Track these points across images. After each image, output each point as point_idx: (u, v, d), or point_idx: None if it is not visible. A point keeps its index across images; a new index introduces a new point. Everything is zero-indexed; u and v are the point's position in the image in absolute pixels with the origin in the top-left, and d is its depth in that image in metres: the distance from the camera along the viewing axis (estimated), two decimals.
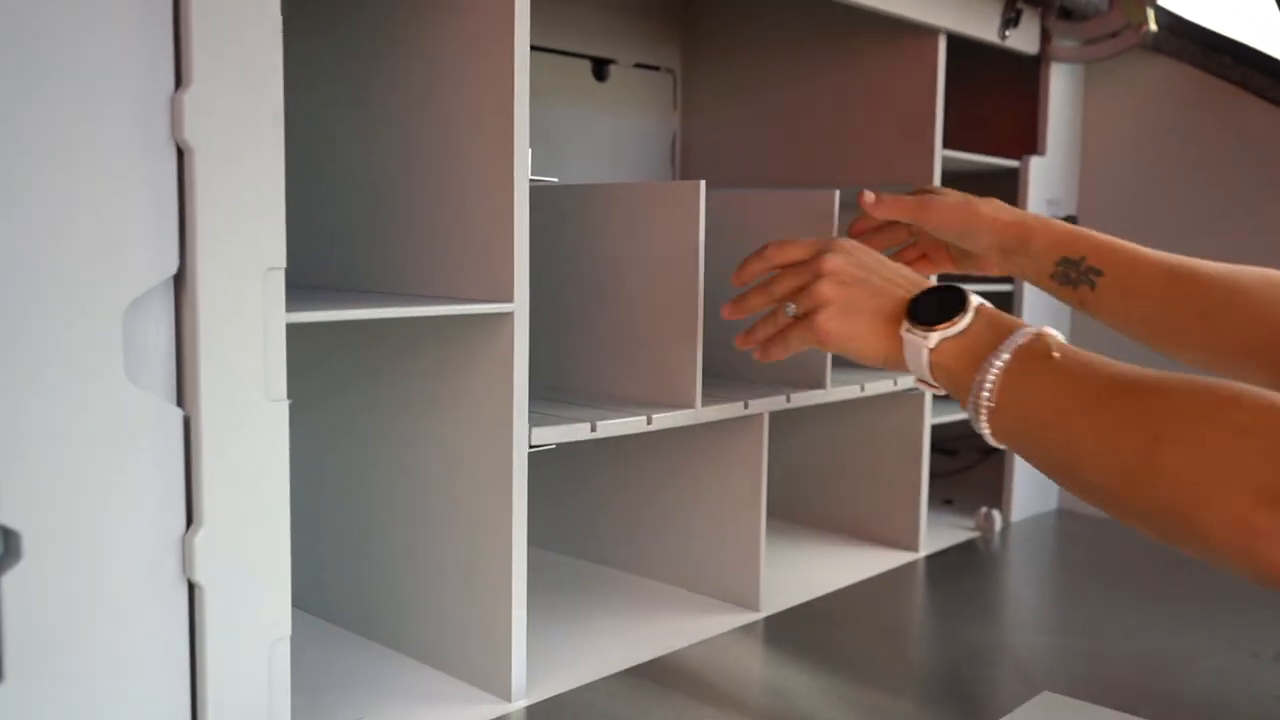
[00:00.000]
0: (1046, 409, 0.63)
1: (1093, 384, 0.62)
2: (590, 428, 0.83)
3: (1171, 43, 1.32)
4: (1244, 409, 0.53)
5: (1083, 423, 0.60)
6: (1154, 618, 1.01)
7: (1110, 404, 0.59)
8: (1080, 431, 0.60)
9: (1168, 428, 0.55)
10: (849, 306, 0.77)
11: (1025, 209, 1.31)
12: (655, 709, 0.80)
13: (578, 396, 0.97)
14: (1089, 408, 0.60)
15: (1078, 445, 0.60)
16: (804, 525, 1.29)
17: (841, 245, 0.81)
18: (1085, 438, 0.60)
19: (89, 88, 0.55)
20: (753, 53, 1.36)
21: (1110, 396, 0.60)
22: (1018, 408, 0.65)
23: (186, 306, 0.60)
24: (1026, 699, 0.82)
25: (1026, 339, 0.67)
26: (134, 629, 0.60)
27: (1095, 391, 0.61)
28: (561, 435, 0.81)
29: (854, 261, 0.79)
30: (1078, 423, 0.60)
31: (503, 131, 0.76)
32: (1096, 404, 0.60)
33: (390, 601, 0.90)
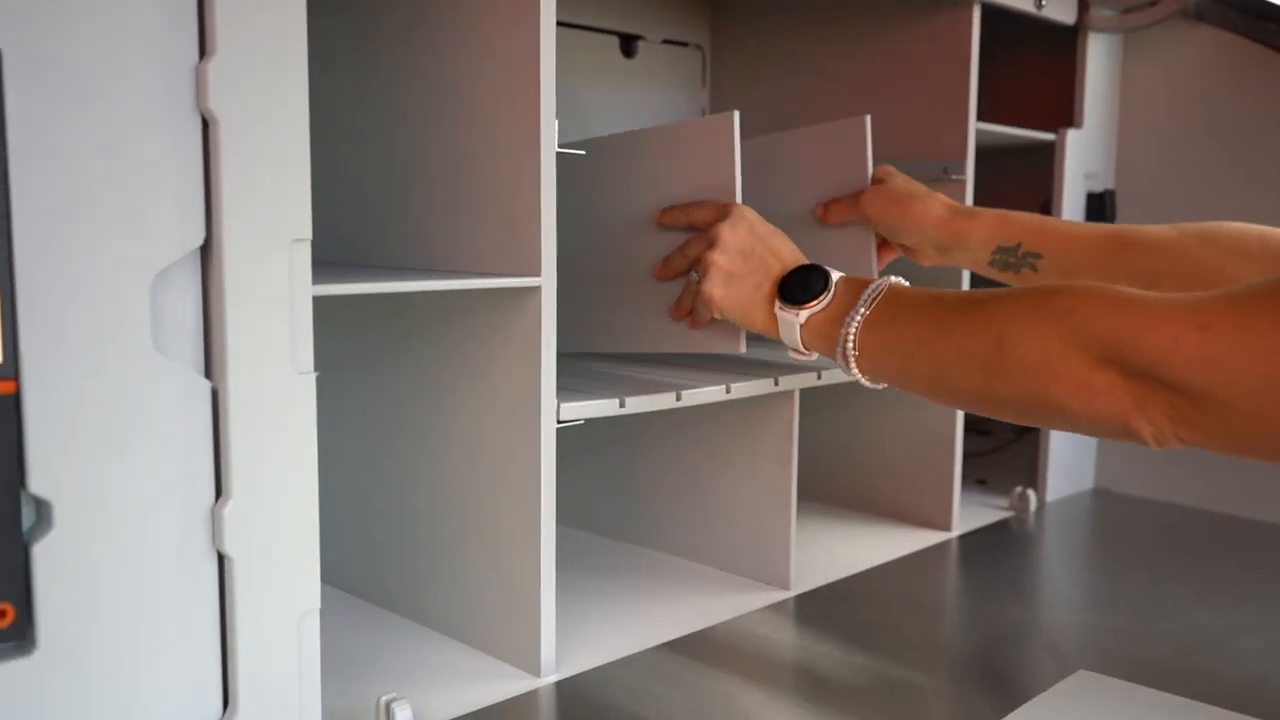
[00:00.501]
0: (905, 339, 0.72)
1: (941, 309, 0.70)
2: (619, 403, 0.82)
3: (1213, 10, 1.29)
4: (1065, 295, 0.62)
5: (940, 341, 0.69)
6: (1192, 597, 0.99)
7: (959, 319, 0.68)
8: (939, 348, 0.69)
9: (1008, 325, 0.64)
10: (732, 277, 0.84)
11: (1063, 183, 1.30)
12: (684, 685, 0.79)
13: (606, 364, 0.97)
14: (943, 327, 0.69)
15: (940, 360, 0.69)
16: (836, 505, 1.28)
17: (739, 214, 0.85)
18: (944, 353, 0.69)
19: (114, 58, 0.55)
20: (782, 28, 1.34)
21: (958, 313, 0.69)
22: (883, 346, 0.74)
23: (213, 278, 0.60)
24: (1060, 678, 0.81)
25: (879, 290, 0.76)
26: (164, 600, 0.60)
27: (945, 313, 0.70)
28: (590, 411, 0.81)
29: (745, 231, 0.84)
30: (936, 343, 0.69)
31: (528, 103, 0.75)
32: (948, 323, 0.69)
33: (419, 577, 0.90)
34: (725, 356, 1.02)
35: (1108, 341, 0.59)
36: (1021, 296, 0.66)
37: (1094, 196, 1.35)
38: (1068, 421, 0.63)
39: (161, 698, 0.61)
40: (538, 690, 0.79)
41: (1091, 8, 1.29)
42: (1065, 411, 0.62)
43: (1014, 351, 0.63)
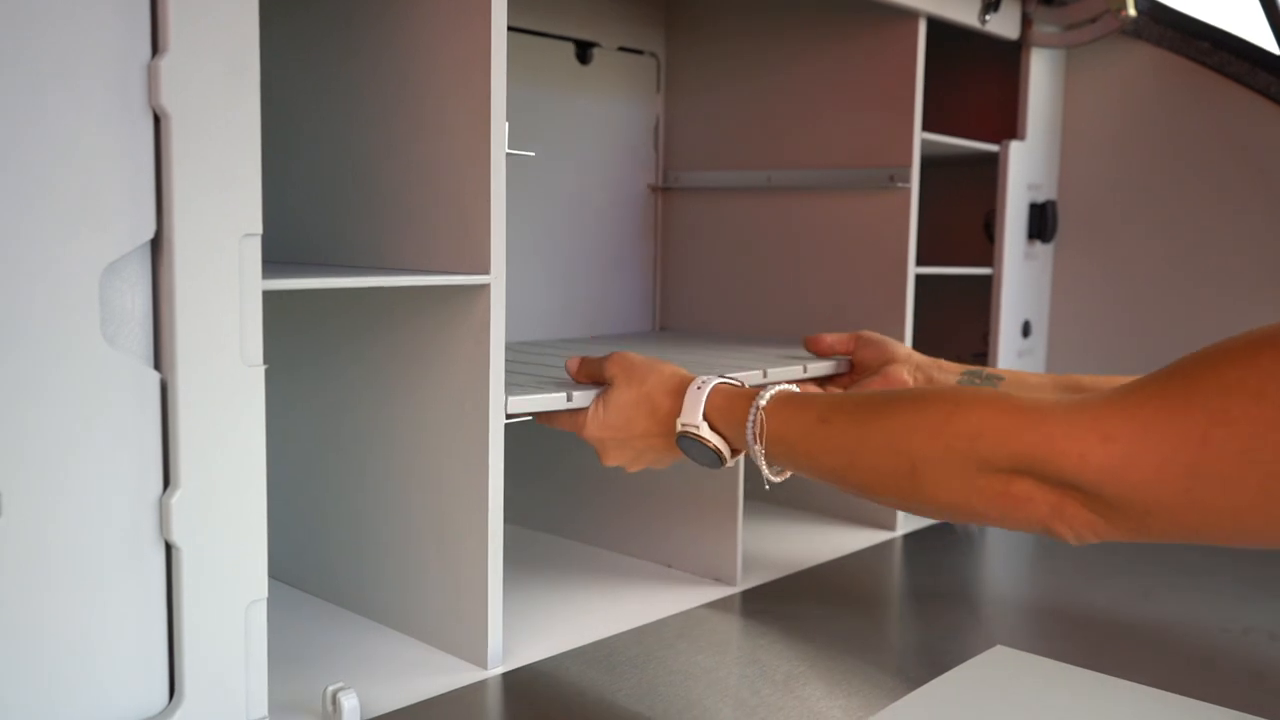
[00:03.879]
0: (810, 453, 0.73)
1: (841, 424, 0.71)
2: (566, 398, 0.84)
3: (1151, 29, 1.33)
4: (964, 414, 0.63)
5: (851, 463, 0.70)
6: (1127, 593, 1.03)
7: (865, 444, 0.69)
8: (854, 468, 0.70)
9: (918, 452, 0.65)
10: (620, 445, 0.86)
11: (1005, 193, 1.34)
12: (630, 675, 0.81)
13: (556, 359, 0.98)
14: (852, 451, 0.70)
15: (855, 479, 0.70)
16: (783, 505, 1.30)
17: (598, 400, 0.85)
18: (859, 473, 0.69)
19: (66, 54, 0.56)
20: (736, 37, 1.37)
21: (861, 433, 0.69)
22: (787, 457, 0.75)
23: (163, 271, 0.61)
24: None
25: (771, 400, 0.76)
26: (111, 589, 0.61)
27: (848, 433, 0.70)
28: (537, 405, 0.82)
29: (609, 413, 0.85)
30: (847, 471, 0.70)
31: (479, 104, 0.77)
32: (855, 445, 0.70)
33: (368, 571, 0.91)
34: None
35: (1018, 459, 0.60)
36: (920, 413, 0.66)
37: (1036, 207, 1.38)
38: (991, 524, 0.65)
39: (108, 687, 0.61)
40: (485, 681, 0.80)
41: (1034, 24, 1.33)
42: (987, 518, 0.64)
43: (929, 477, 0.64)
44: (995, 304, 1.36)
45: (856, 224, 1.24)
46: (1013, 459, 0.60)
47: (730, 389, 0.80)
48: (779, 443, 0.75)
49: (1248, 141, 1.28)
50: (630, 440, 0.85)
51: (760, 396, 0.76)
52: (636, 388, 0.84)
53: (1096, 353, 1.42)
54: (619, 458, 0.86)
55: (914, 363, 1.04)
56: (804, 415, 0.74)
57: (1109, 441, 0.57)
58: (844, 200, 1.26)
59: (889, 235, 1.21)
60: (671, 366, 0.85)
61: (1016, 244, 1.37)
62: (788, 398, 0.76)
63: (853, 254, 1.25)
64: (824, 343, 1.10)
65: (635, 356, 0.86)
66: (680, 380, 0.83)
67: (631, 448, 0.85)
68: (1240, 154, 1.29)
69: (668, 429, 0.82)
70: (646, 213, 1.44)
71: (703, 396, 0.80)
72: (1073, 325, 1.45)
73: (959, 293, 1.38)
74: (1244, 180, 1.29)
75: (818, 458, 0.73)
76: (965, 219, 1.42)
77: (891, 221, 1.21)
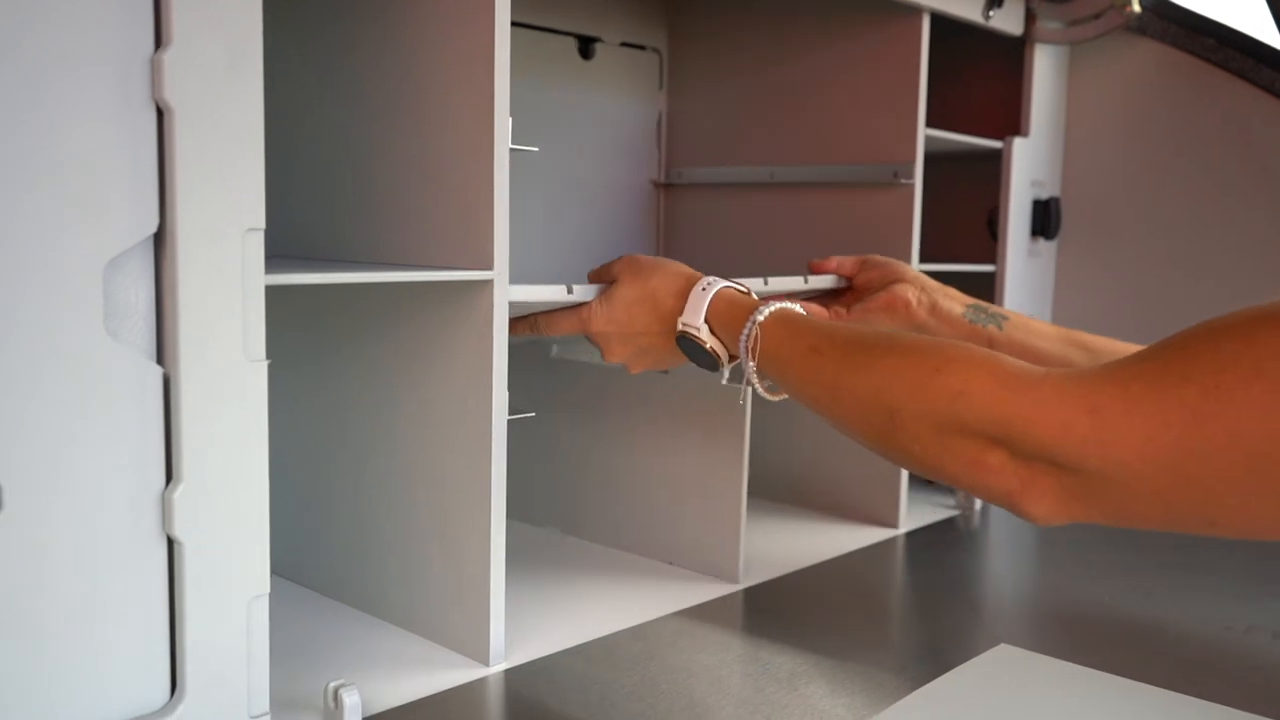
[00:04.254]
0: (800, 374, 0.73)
1: (832, 355, 0.70)
2: (567, 289, 0.84)
3: (1155, 25, 1.33)
4: (953, 371, 0.62)
5: (833, 395, 0.70)
6: (1130, 592, 1.03)
7: (849, 378, 0.68)
8: (836, 399, 0.69)
9: (899, 400, 0.64)
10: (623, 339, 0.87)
11: (1008, 190, 1.33)
12: (632, 672, 0.81)
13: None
14: (834, 385, 0.70)
15: (836, 412, 0.70)
16: (786, 503, 1.30)
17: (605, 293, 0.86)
18: (841, 407, 0.69)
19: (68, 47, 0.56)
20: (738, 32, 1.36)
21: (848, 370, 0.69)
22: (778, 371, 0.75)
23: (166, 265, 0.60)
24: None
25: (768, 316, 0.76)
26: (113, 584, 0.60)
27: (836, 365, 0.70)
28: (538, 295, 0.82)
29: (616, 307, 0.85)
30: (830, 393, 0.70)
31: (482, 99, 0.77)
32: (839, 379, 0.69)
33: (369, 567, 0.91)
34: None
35: (997, 425, 0.59)
36: (908, 363, 0.65)
37: (1039, 204, 1.38)
38: (961, 487, 0.65)
39: (109, 682, 0.61)
40: (486, 678, 0.80)
41: (1038, 20, 1.33)
42: (957, 480, 0.64)
43: (906, 428, 0.64)
44: (998, 301, 1.35)
45: (860, 220, 1.24)
46: (992, 424, 0.59)
47: (734, 295, 0.80)
48: (771, 361, 0.75)
49: (1252, 138, 1.28)
50: (633, 336, 0.84)
51: (759, 310, 0.76)
52: (641, 284, 0.83)
53: None
54: (621, 353, 0.86)
55: (921, 284, 1.03)
56: (798, 340, 0.73)
57: (1095, 412, 0.55)
58: (847, 196, 1.25)
59: (892, 232, 1.21)
60: (679, 265, 0.85)
61: (1020, 241, 1.36)
62: (787, 317, 0.76)
63: (856, 250, 1.24)
64: (829, 265, 1.09)
65: (643, 256, 0.86)
66: (686, 280, 0.83)
67: (634, 344, 0.85)
68: (1244, 150, 1.29)
69: (669, 327, 0.82)
70: (649, 208, 1.44)
71: (706, 299, 0.79)
72: (1076, 322, 1.44)
73: (962, 290, 1.38)
74: (1248, 177, 1.29)
75: (804, 385, 0.72)
76: (968, 216, 1.42)
77: (895, 218, 1.20)
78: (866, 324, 1.05)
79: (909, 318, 1.02)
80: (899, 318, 1.03)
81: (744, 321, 0.77)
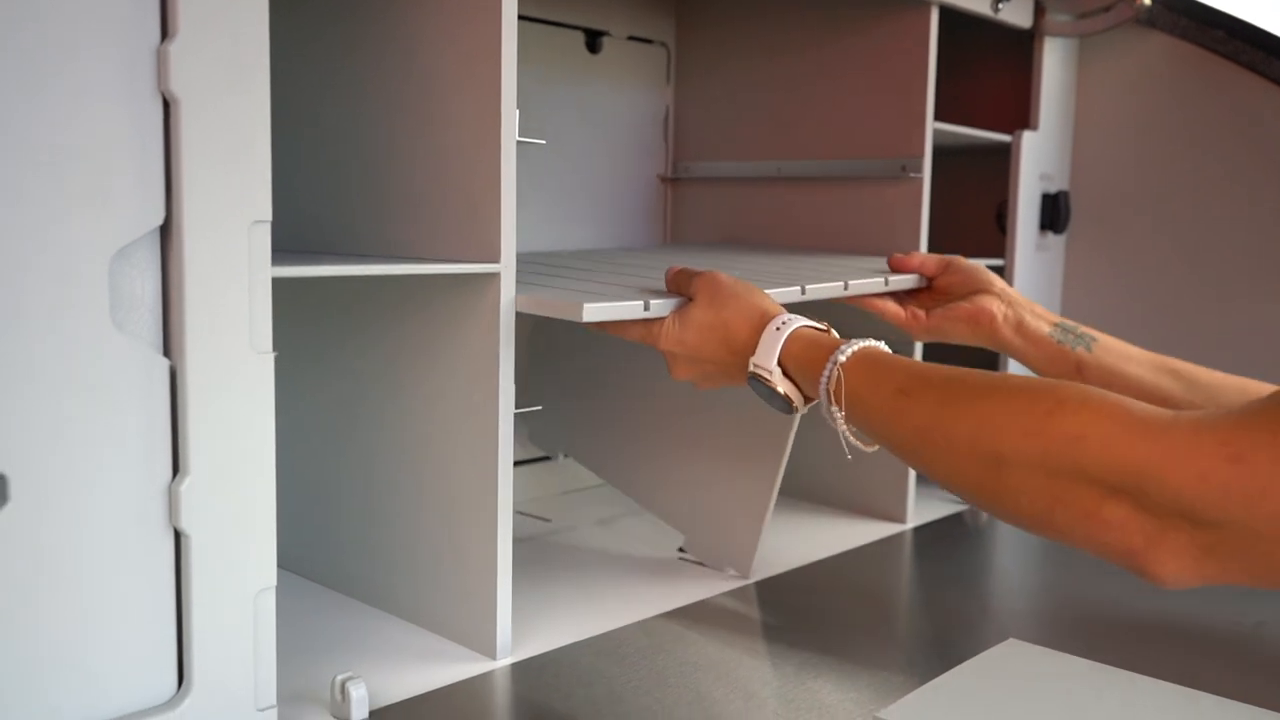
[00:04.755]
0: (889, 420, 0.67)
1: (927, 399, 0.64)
2: (644, 306, 0.81)
3: (1165, 17, 1.32)
4: (1069, 414, 0.56)
5: (928, 440, 0.64)
6: (1139, 586, 1.01)
7: (947, 427, 0.62)
8: (930, 445, 0.64)
9: (1006, 448, 0.58)
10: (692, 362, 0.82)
11: (1017, 184, 1.33)
12: (640, 668, 0.81)
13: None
14: (928, 431, 0.64)
15: (931, 461, 0.64)
16: (794, 498, 1.30)
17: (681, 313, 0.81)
18: (937, 455, 0.63)
19: (75, 38, 0.56)
20: (746, 26, 1.36)
21: (945, 417, 0.63)
22: (863, 424, 0.70)
23: (173, 258, 0.60)
24: None
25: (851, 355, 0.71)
26: (119, 577, 0.60)
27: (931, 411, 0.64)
28: (615, 313, 0.78)
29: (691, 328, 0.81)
30: (924, 451, 0.64)
31: (490, 92, 0.76)
32: (934, 426, 0.63)
33: (376, 561, 0.91)
34: None
35: (1123, 475, 0.53)
36: (1017, 405, 0.59)
37: (1049, 198, 1.37)
38: (1072, 543, 0.58)
39: (116, 675, 0.61)
40: (494, 671, 0.80)
41: (1047, 12, 1.32)
42: (1069, 537, 0.57)
43: (1013, 478, 0.58)
44: None
45: (868, 214, 1.24)
46: (1117, 472, 0.54)
47: (811, 335, 0.74)
48: (855, 405, 0.69)
49: (1262, 131, 1.27)
50: (702, 362, 0.81)
51: (841, 350, 0.70)
52: (716, 311, 0.79)
53: None
54: (688, 374, 0.82)
55: (1008, 298, 0.97)
56: (885, 381, 0.68)
57: (1238, 462, 0.50)
58: (855, 190, 1.25)
59: (901, 226, 1.20)
60: (759, 296, 0.80)
61: (1028, 235, 1.36)
62: (871, 357, 0.70)
63: (864, 245, 1.24)
64: (912, 262, 1.03)
65: (726, 278, 0.80)
66: (761, 314, 0.78)
67: (702, 368, 0.81)
68: (1255, 144, 1.28)
69: (740, 362, 0.78)
70: (656, 203, 1.44)
71: (780, 339, 0.74)
72: (1085, 317, 1.43)
73: None
74: (1259, 170, 1.28)
75: (894, 431, 0.66)
76: (977, 209, 1.41)
77: (903, 212, 1.20)
78: (945, 332, 1.01)
79: (993, 333, 0.97)
80: (982, 332, 0.98)
81: (824, 363, 0.71)
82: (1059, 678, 0.79)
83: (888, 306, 1.02)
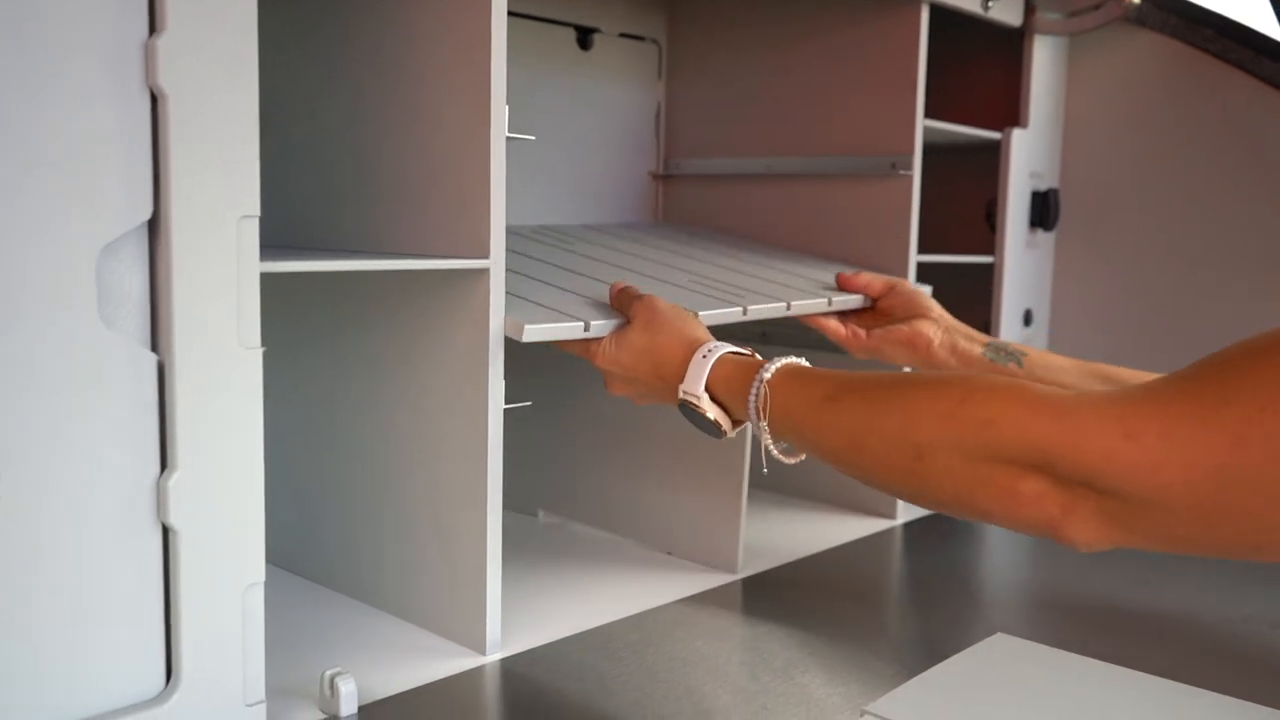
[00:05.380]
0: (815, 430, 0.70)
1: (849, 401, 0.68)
2: (584, 327, 0.83)
3: (1154, 16, 1.33)
4: (979, 401, 0.60)
5: (854, 444, 0.67)
6: (1127, 580, 1.03)
7: (870, 423, 0.65)
8: (859, 449, 0.66)
9: (925, 436, 0.61)
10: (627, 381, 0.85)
11: (1007, 181, 1.33)
12: (628, 662, 0.81)
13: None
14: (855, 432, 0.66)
15: (858, 462, 0.67)
16: (783, 493, 1.30)
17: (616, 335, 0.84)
18: (863, 456, 0.66)
19: (63, 32, 0.56)
20: (737, 23, 1.36)
21: (867, 414, 0.66)
22: (791, 432, 0.72)
23: (160, 252, 0.60)
24: None
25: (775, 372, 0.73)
26: (107, 572, 0.60)
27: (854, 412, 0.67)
28: (553, 335, 0.81)
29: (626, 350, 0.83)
30: (853, 452, 0.67)
31: (480, 88, 0.76)
32: (859, 424, 0.66)
33: (366, 557, 0.91)
34: None
35: (1034, 452, 0.57)
36: (933, 397, 0.62)
37: (1038, 195, 1.38)
38: (994, 522, 0.62)
39: (104, 671, 0.61)
40: (483, 667, 0.80)
41: (1037, 11, 1.33)
42: (991, 516, 0.61)
43: (934, 464, 0.61)
44: (997, 293, 1.35)
45: (858, 211, 1.24)
46: (1028, 451, 0.57)
47: (737, 359, 0.77)
48: (783, 418, 0.72)
49: (1251, 129, 1.28)
50: (635, 382, 0.84)
51: (765, 368, 0.73)
52: (650, 336, 0.82)
53: (1099, 341, 1.42)
54: (623, 390, 0.86)
55: (945, 324, 1.02)
56: (811, 391, 0.71)
57: (1134, 438, 0.53)
58: (845, 187, 1.25)
59: (891, 223, 1.21)
60: (691, 325, 0.83)
61: (1018, 232, 1.36)
62: (795, 371, 0.73)
63: (854, 242, 1.24)
64: (858, 282, 1.07)
65: (663, 305, 0.84)
66: (689, 342, 0.80)
67: (635, 388, 0.84)
68: (1243, 142, 1.29)
69: (670, 387, 0.81)
70: (647, 200, 1.44)
71: (707, 366, 0.77)
72: (1075, 314, 1.44)
73: (960, 281, 1.38)
74: (1247, 168, 1.29)
75: (822, 437, 0.69)
76: (967, 207, 1.42)
77: (893, 209, 1.20)
78: (882, 352, 1.05)
79: (929, 356, 1.01)
80: (919, 355, 1.02)
81: (750, 382, 0.74)
82: (1047, 672, 0.80)
83: (829, 323, 1.07)
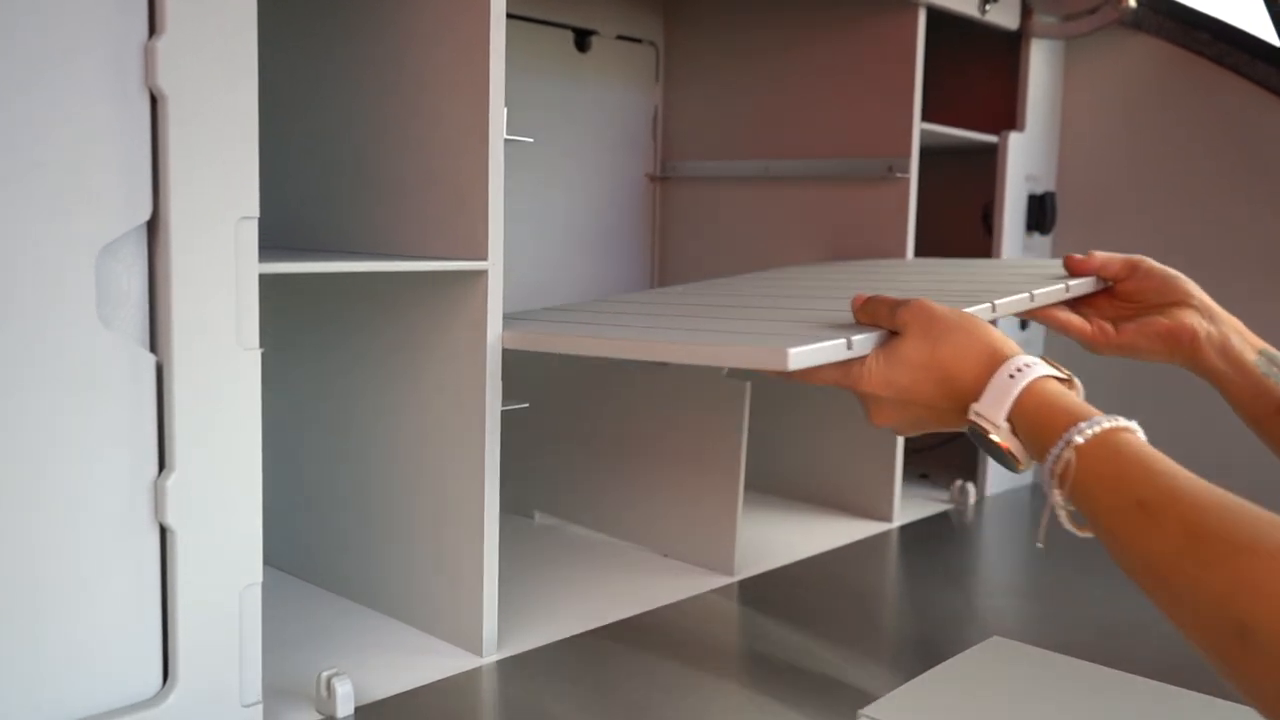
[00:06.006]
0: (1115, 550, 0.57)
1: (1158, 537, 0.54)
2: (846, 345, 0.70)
3: (1150, 19, 1.33)
4: None
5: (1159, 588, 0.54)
6: (1122, 585, 1.02)
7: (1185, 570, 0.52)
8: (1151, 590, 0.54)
9: (1255, 617, 0.47)
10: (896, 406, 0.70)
11: (1004, 185, 1.33)
12: (626, 665, 0.81)
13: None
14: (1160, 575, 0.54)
15: (1152, 598, 0.55)
16: (781, 496, 1.30)
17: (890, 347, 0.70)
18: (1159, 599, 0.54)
19: (63, 34, 0.56)
20: (735, 26, 1.36)
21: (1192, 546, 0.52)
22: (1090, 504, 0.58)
23: (159, 253, 0.60)
24: None
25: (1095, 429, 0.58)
26: (105, 572, 0.60)
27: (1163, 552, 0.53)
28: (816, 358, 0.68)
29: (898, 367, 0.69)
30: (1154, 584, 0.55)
31: (478, 90, 0.77)
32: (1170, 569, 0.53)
33: (363, 558, 0.91)
34: None
35: None
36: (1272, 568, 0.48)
37: (1035, 198, 1.38)
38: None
39: (102, 670, 0.61)
40: (480, 668, 0.80)
41: (1034, 14, 1.33)
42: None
43: (1263, 654, 0.47)
44: None
45: (855, 214, 1.24)
46: None
47: (1049, 393, 0.61)
48: (1082, 498, 0.58)
49: (1247, 133, 1.28)
50: (911, 405, 0.68)
51: (1078, 430, 0.57)
52: (931, 348, 0.66)
53: None
54: (893, 419, 0.70)
55: (1210, 313, 0.83)
56: (1125, 486, 0.56)
57: None
58: (842, 190, 1.25)
59: (887, 226, 1.21)
60: (985, 330, 0.67)
61: (1015, 236, 1.36)
62: (1114, 446, 0.57)
63: (851, 244, 1.25)
64: (1092, 264, 0.88)
65: (940, 308, 0.68)
66: (989, 354, 0.65)
67: (911, 413, 0.69)
68: (1239, 145, 1.29)
69: (960, 407, 0.65)
70: (644, 202, 1.44)
71: (1014, 390, 0.62)
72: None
73: None
74: (1243, 171, 1.29)
75: (1124, 547, 0.56)
76: (963, 210, 1.42)
77: (890, 212, 1.21)
78: (1137, 350, 0.86)
79: (1194, 356, 0.82)
80: (1182, 352, 0.83)
81: (1057, 435, 0.58)
82: (1042, 675, 0.80)
83: (1071, 320, 0.88)
